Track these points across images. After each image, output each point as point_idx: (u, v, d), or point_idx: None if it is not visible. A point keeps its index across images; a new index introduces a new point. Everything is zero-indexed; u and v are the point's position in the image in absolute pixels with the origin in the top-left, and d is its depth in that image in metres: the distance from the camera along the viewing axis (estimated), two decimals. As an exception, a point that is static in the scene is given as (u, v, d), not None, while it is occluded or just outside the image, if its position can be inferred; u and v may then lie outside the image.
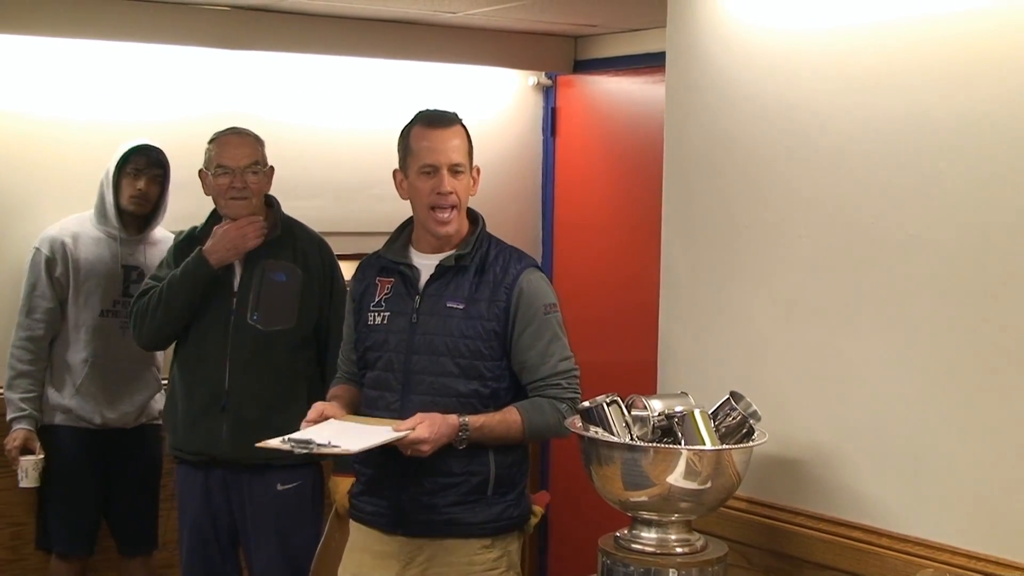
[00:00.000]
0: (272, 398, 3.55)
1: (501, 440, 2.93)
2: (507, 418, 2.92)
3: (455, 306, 2.95)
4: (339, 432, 2.85)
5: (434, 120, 3.00)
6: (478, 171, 3.05)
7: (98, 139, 4.25)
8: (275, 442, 2.75)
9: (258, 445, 2.82)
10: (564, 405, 2.95)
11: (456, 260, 2.98)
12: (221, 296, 3.62)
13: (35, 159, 4.26)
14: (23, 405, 3.96)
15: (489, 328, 2.93)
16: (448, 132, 2.98)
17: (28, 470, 3.92)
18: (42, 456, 3.93)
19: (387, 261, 3.06)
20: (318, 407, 2.96)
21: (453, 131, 2.99)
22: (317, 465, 3.71)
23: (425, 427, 2.80)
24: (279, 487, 3.62)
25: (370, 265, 3.12)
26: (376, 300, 3.05)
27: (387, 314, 3.03)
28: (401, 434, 2.80)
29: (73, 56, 4.33)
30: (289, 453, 2.75)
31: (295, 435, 2.77)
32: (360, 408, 3.07)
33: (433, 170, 2.95)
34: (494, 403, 2.95)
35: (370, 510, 3.05)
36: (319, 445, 2.72)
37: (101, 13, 4.20)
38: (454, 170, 2.96)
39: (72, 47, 4.31)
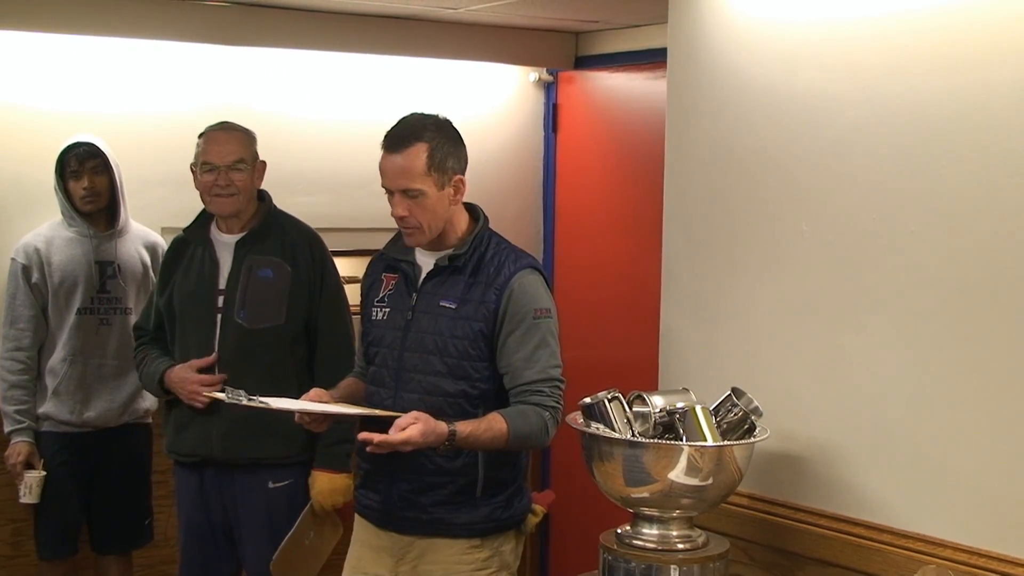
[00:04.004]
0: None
1: (485, 449, 2.88)
2: (493, 426, 2.82)
3: (447, 305, 2.92)
4: (301, 405, 3.02)
5: (390, 142, 2.90)
6: (461, 181, 2.94)
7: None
8: (220, 394, 3.10)
9: (206, 394, 3.25)
10: (547, 413, 2.87)
11: (450, 260, 2.95)
12: (207, 294, 3.58)
13: (24, 161, 4.22)
14: (19, 417, 3.94)
15: (476, 329, 2.89)
16: (400, 157, 2.86)
17: (32, 486, 3.90)
18: (44, 474, 3.92)
19: (391, 258, 3.05)
20: (314, 391, 3.05)
21: (408, 154, 2.86)
22: (309, 464, 3.71)
23: (418, 431, 2.73)
24: (270, 485, 3.60)
25: (379, 261, 3.12)
26: (380, 296, 3.06)
27: (387, 310, 3.02)
28: (358, 412, 2.93)
29: (66, 53, 4.30)
30: (226, 402, 3.05)
31: (242, 392, 3.03)
32: (362, 403, 3.07)
33: (388, 192, 2.91)
34: (483, 404, 2.90)
35: (365, 503, 3.07)
36: (249, 398, 2.97)
37: (99, 10, 4.17)
38: (407, 194, 2.87)
39: (66, 44, 4.28)
